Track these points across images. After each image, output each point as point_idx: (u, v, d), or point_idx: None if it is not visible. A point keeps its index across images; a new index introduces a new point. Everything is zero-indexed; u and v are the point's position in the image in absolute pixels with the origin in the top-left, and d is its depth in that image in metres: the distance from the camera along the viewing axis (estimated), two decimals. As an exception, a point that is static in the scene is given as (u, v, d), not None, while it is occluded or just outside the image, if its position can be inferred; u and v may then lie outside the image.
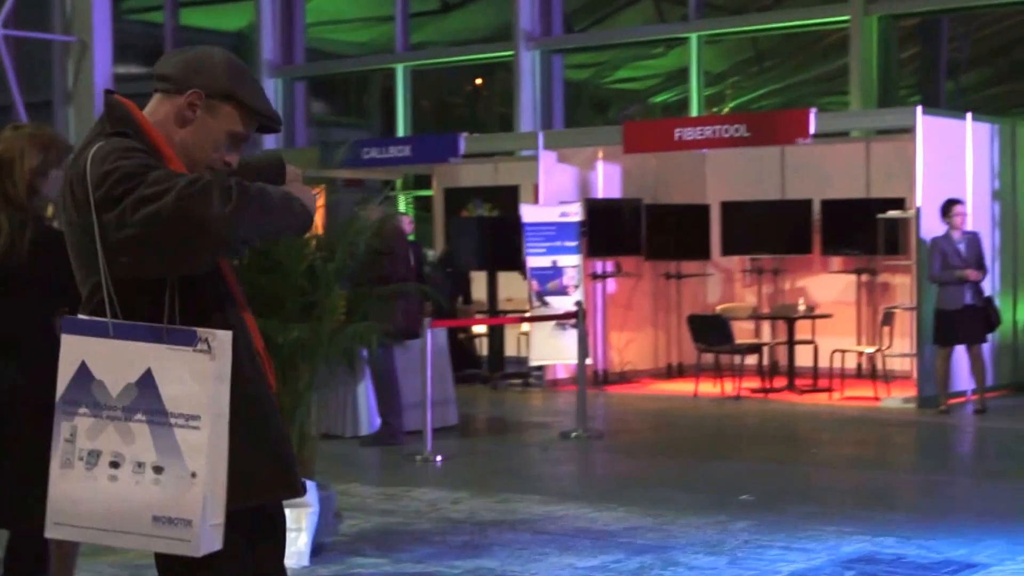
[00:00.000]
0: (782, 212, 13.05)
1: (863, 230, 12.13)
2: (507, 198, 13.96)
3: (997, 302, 11.91)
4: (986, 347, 11.13)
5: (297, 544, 5.84)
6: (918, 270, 11.11)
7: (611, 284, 13.25)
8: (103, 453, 2.36)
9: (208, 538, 2.31)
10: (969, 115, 11.66)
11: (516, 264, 12.76)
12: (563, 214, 12.38)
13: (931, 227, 10.76)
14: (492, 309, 13.24)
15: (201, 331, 2.33)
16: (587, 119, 17.42)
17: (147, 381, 2.34)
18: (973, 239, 10.75)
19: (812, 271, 13.31)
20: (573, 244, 12.35)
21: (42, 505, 4.05)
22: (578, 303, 10.63)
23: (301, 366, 5.88)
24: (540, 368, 12.78)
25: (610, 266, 13.22)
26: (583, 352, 9.95)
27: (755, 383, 12.15)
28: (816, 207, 12.76)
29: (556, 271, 12.35)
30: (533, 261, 12.37)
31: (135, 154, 2.36)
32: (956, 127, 11.51)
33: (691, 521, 6.64)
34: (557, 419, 10.60)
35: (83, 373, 2.40)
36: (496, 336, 13.31)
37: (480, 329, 13.51)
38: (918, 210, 10.94)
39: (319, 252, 5.83)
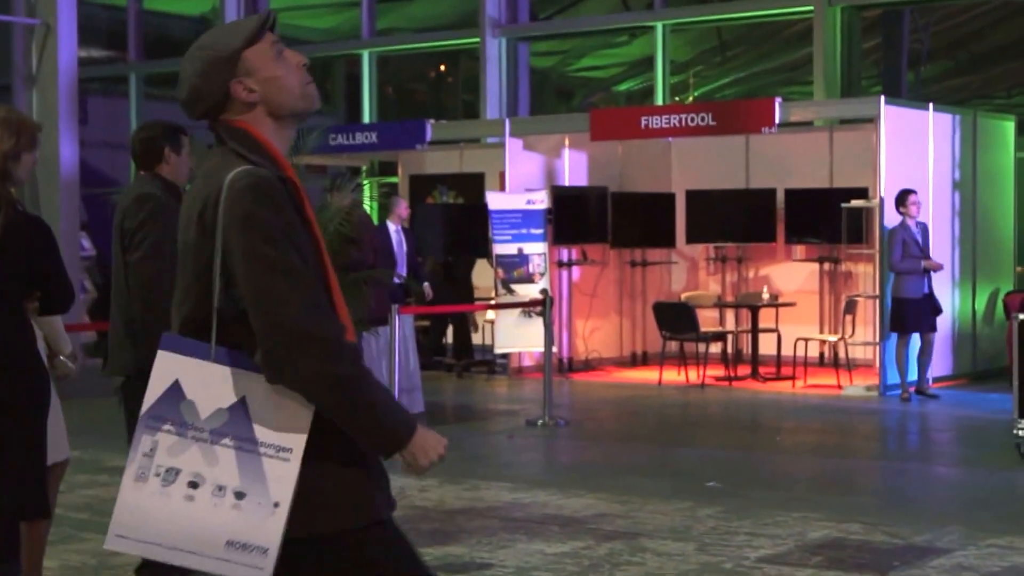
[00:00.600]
0: (746, 201, 13.13)
1: (826, 219, 12.22)
2: (472, 185, 13.96)
3: (957, 291, 12.08)
4: (942, 337, 11.31)
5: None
6: (881, 259, 11.22)
7: (576, 272, 13.29)
8: (182, 472, 2.35)
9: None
10: (931, 105, 11.77)
11: (481, 252, 12.76)
12: (529, 201, 12.40)
13: (894, 216, 10.86)
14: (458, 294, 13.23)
15: None
16: (551, 107, 17.43)
17: (240, 408, 2.35)
18: (924, 229, 10.89)
19: (776, 260, 13.40)
20: (539, 232, 12.38)
21: (6, 493, 4.04)
22: (544, 291, 10.66)
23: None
24: (505, 356, 12.80)
25: (576, 254, 13.25)
26: (549, 340, 9.97)
27: (719, 371, 12.22)
28: (780, 196, 12.85)
29: (522, 258, 12.38)
30: (499, 248, 12.39)
31: (274, 203, 2.35)
32: (919, 117, 11.62)
33: (658, 508, 6.68)
34: (523, 407, 10.62)
35: (175, 391, 2.39)
36: (462, 324, 13.30)
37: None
38: (881, 199, 11.05)
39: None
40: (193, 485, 2.33)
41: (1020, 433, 8.18)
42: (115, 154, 19.01)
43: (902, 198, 10.75)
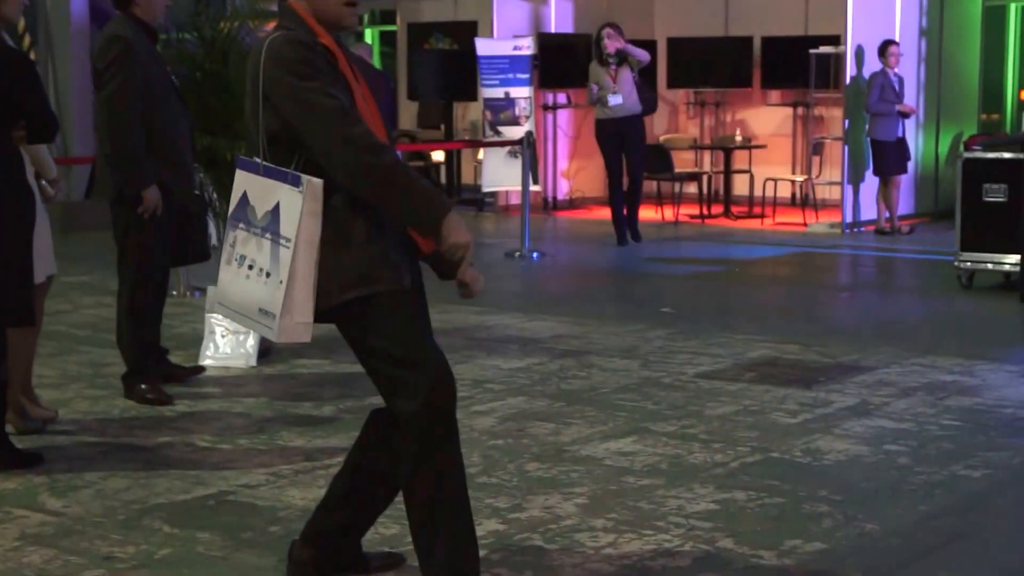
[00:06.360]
0: (725, 48, 13.02)
1: (800, 66, 12.15)
2: (466, 32, 13.81)
3: (921, 134, 12.06)
4: (906, 177, 11.33)
5: (245, 346, 6.01)
6: (847, 103, 11.18)
7: (562, 115, 13.24)
8: (246, 258, 3.00)
9: (289, 331, 2.91)
10: (901, -46, 11.56)
11: (472, 95, 12.70)
12: (516, 48, 12.29)
13: (872, 64, 10.82)
14: (448, 136, 13.25)
15: (304, 177, 2.88)
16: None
17: (276, 210, 2.94)
18: (901, 80, 10.92)
19: (752, 104, 13.34)
20: (525, 76, 12.30)
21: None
22: (528, 132, 10.67)
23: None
24: (493, 194, 12.86)
25: (561, 98, 13.19)
26: (527, 177, 10.02)
27: (694, 210, 12.28)
28: (757, 43, 12.74)
29: (508, 102, 12.33)
30: (487, 92, 12.33)
31: (301, 51, 2.91)
32: (889, -34, 11.43)
33: (612, 330, 6.83)
34: (504, 241, 10.72)
35: (243, 199, 3.02)
36: (452, 163, 13.35)
37: (438, 156, 13.53)
38: (850, 46, 10.96)
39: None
40: (250, 267, 2.98)
41: (961, 265, 8.31)
42: None
43: (883, 48, 10.80)
